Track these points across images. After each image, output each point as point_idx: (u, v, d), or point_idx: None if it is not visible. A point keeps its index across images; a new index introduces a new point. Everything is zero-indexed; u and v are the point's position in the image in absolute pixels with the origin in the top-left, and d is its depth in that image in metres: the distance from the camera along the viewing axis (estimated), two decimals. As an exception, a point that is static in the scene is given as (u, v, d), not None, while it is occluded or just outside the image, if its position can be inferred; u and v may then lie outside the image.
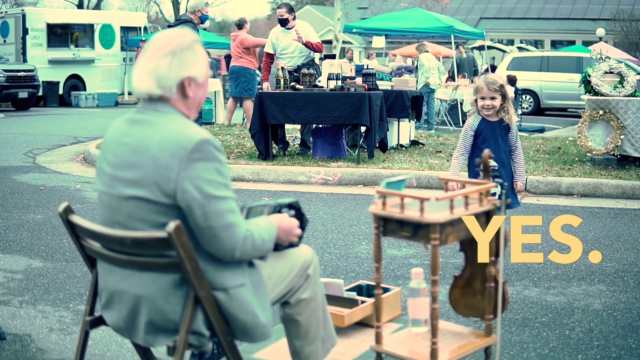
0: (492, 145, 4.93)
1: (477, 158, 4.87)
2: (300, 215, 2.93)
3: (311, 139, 10.42)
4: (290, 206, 2.92)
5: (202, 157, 2.50)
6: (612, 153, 9.38)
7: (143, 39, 23.81)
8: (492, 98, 4.99)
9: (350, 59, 21.35)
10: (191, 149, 2.49)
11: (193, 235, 2.54)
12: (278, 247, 2.87)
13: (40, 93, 22.47)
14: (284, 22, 10.45)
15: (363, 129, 10.01)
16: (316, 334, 3.01)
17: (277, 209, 2.90)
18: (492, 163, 3.08)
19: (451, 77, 18.96)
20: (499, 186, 3.02)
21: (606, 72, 9.43)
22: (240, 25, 13.85)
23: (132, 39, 25.30)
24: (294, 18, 10.58)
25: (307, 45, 10.33)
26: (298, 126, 11.20)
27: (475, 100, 5.09)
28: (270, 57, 10.78)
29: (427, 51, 16.63)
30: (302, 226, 2.92)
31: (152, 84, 2.59)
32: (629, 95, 9.32)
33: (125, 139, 2.63)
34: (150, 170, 2.52)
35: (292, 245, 2.91)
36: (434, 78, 15.86)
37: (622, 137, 9.23)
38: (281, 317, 3.03)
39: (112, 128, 2.73)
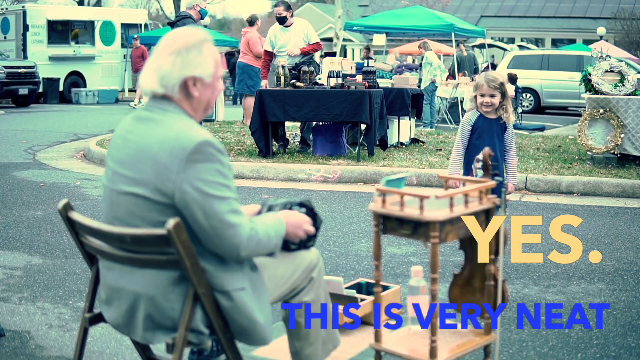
0: (487, 142, 4.91)
1: (472, 154, 4.89)
2: (313, 215, 2.90)
3: (311, 136, 10.42)
4: (301, 204, 2.90)
5: (202, 159, 2.49)
6: (612, 152, 9.38)
7: (135, 36, 23.81)
8: (492, 95, 4.98)
9: (367, 57, 21.12)
10: (191, 150, 2.48)
11: (194, 235, 2.54)
12: (290, 247, 2.85)
13: (40, 90, 22.47)
14: (282, 20, 10.45)
15: (363, 126, 10.01)
16: (317, 335, 3.01)
17: (288, 207, 2.88)
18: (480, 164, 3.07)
19: (452, 75, 18.94)
20: (499, 185, 3.02)
21: (606, 71, 9.43)
22: (251, 22, 13.84)
23: (132, 36, 25.34)
24: (292, 15, 10.58)
25: (303, 52, 10.33)
26: (298, 124, 11.20)
27: (475, 97, 5.08)
28: (269, 55, 10.78)
29: (431, 49, 16.63)
30: (316, 226, 2.90)
31: (155, 82, 2.59)
32: (629, 94, 9.32)
33: (129, 135, 2.63)
34: (150, 169, 2.52)
35: (305, 246, 2.89)
36: (439, 76, 15.87)
37: (622, 135, 9.23)
38: (282, 318, 3.03)
39: (121, 124, 2.74)
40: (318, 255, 3.01)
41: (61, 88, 23.89)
